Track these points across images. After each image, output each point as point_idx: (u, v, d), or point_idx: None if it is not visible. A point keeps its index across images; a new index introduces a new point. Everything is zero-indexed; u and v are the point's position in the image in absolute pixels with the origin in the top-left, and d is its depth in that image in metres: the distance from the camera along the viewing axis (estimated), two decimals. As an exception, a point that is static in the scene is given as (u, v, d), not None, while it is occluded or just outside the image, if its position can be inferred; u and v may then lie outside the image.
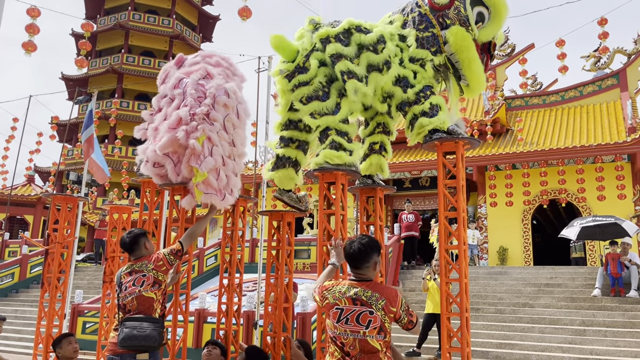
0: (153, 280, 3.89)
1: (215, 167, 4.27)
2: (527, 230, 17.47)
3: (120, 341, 3.69)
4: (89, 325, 11.15)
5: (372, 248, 3.08)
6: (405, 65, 4.11)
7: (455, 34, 3.99)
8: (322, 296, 3.08)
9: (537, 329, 9.63)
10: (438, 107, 4.00)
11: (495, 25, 4.18)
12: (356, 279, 3.06)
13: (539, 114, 20.24)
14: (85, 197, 6.82)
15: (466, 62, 4.01)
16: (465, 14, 4.09)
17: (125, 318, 3.79)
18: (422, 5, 4.21)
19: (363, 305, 2.94)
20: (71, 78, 34.71)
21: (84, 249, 25.85)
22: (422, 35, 4.10)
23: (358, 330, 2.91)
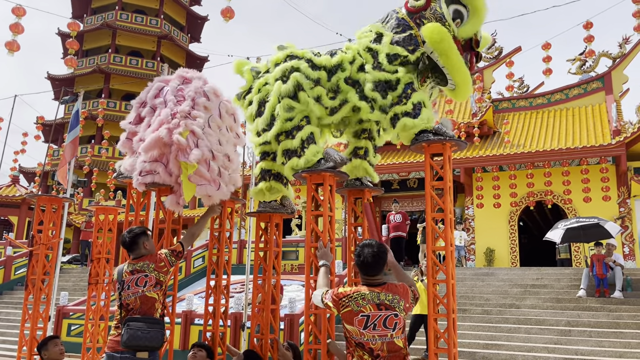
0: (155, 281, 3.93)
1: (204, 158, 4.25)
2: (514, 231, 17.61)
3: (125, 342, 3.73)
4: (74, 328, 11.04)
5: (384, 254, 3.16)
6: (384, 67, 4.09)
7: (430, 29, 4.00)
8: (341, 304, 3.07)
9: (523, 330, 9.71)
10: (421, 104, 4.01)
11: (474, 22, 4.18)
12: (372, 283, 3.11)
13: (526, 116, 20.41)
14: (70, 198, 6.74)
15: (444, 53, 3.96)
16: (440, 12, 4.12)
17: (129, 318, 3.83)
18: (400, 11, 4.28)
19: (387, 309, 3.02)
20: (57, 78, 34.36)
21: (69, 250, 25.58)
22: (399, 36, 4.12)
23: (386, 334, 3.00)
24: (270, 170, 4.61)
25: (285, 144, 4.20)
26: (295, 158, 4.15)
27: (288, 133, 4.20)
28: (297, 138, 4.15)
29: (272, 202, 4.79)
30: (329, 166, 4.08)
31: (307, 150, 4.11)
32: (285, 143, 4.21)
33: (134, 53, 35.54)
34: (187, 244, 4.25)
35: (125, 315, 3.89)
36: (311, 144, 4.15)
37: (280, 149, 4.25)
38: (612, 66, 19.61)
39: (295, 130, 4.18)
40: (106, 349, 4.00)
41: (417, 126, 3.96)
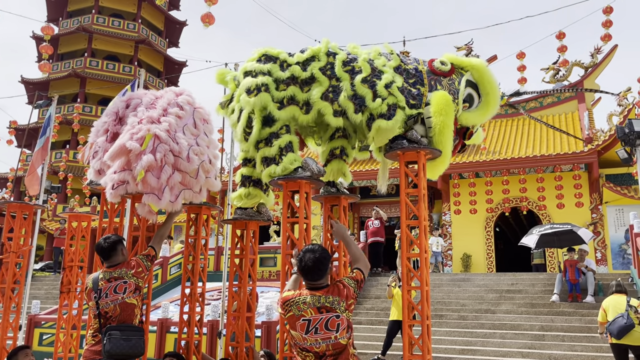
0: (134, 287, 3.94)
1: (157, 164, 4.15)
2: (490, 237, 17.83)
3: (108, 351, 3.69)
4: (46, 337, 10.79)
5: (325, 259, 3.16)
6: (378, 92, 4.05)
7: (440, 97, 4.03)
8: (284, 308, 3.08)
9: (498, 335, 9.82)
10: (396, 106, 4.04)
11: (480, 114, 4.27)
12: (314, 287, 3.11)
13: (502, 123, 20.73)
14: (42, 205, 6.61)
15: (441, 126, 3.96)
16: (457, 88, 4.18)
17: (109, 327, 3.79)
18: (421, 63, 4.29)
19: (329, 312, 3.01)
20: (31, 81, 33.74)
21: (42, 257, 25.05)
22: (408, 87, 4.12)
23: (329, 336, 2.99)
24: (250, 177, 4.60)
25: (264, 151, 4.21)
26: (273, 165, 4.15)
27: (267, 141, 4.21)
28: (275, 146, 4.16)
29: (248, 210, 4.77)
30: (306, 175, 4.09)
31: (284, 158, 4.12)
32: (263, 150, 4.21)
33: (110, 57, 35.12)
34: (158, 246, 4.29)
35: (104, 324, 3.84)
36: (289, 152, 4.16)
37: (259, 156, 4.25)
38: (584, 75, 20.06)
39: (274, 138, 4.18)
40: (83, 358, 3.94)
41: (391, 128, 3.99)
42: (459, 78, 4.25)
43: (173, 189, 4.26)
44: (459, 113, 4.20)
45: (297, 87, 4.25)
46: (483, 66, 4.34)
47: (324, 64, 4.27)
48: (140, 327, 3.96)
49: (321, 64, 4.27)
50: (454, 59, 4.35)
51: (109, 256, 4.04)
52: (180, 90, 4.80)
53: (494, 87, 4.31)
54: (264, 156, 4.22)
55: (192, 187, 4.46)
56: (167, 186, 4.20)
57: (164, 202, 4.22)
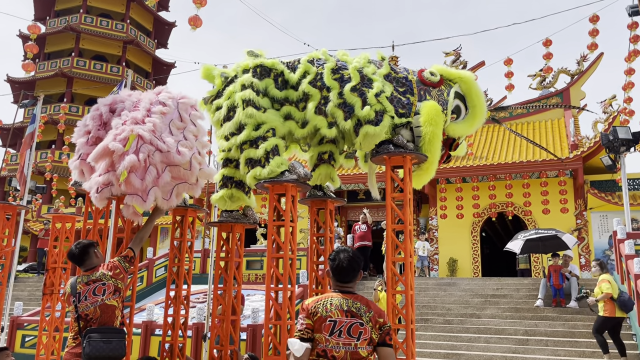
0: (114, 288, 3.91)
1: (141, 165, 4.12)
2: (476, 242, 17.94)
3: (87, 353, 3.66)
4: (28, 339, 10.65)
5: (359, 261, 3.13)
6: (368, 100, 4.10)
7: (430, 107, 4.08)
8: (311, 312, 2.98)
9: (482, 339, 9.88)
10: (383, 112, 4.08)
11: (466, 126, 4.33)
12: (343, 290, 3.07)
13: (489, 129, 20.89)
14: (26, 206, 6.54)
15: (430, 135, 4.02)
16: (446, 99, 4.25)
17: (89, 329, 3.76)
18: (411, 73, 4.35)
19: (354, 317, 2.97)
20: (17, 80, 33.36)
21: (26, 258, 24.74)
22: (398, 95, 4.16)
23: (350, 343, 2.94)
24: (232, 178, 4.59)
25: (249, 152, 4.20)
26: (258, 167, 4.14)
27: (252, 142, 4.20)
28: (261, 148, 4.16)
29: (234, 212, 4.76)
30: (292, 178, 4.09)
31: (271, 161, 4.12)
32: (248, 152, 4.20)
33: (98, 57, 34.83)
34: (137, 248, 4.26)
35: (84, 326, 3.82)
36: (275, 155, 4.16)
37: (243, 157, 4.24)
38: (570, 82, 20.31)
39: (260, 141, 4.18)
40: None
41: (377, 134, 4.02)
42: (448, 89, 4.31)
43: (164, 188, 4.23)
44: (447, 124, 4.25)
45: (292, 107, 4.30)
46: (471, 79, 4.40)
47: (313, 77, 4.30)
48: (121, 329, 3.94)
49: (310, 77, 4.30)
50: (443, 71, 4.41)
51: (83, 261, 4.02)
52: (159, 89, 4.78)
53: (482, 100, 4.38)
54: (248, 157, 4.21)
55: (187, 179, 4.41)
56: (155, 187, 4.16)
57: (149, 204, 4.19)
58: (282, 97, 4.30)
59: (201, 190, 4.70)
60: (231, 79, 4.54)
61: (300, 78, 4.34)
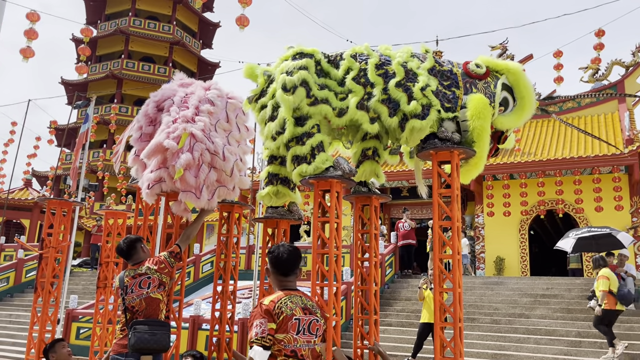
0: (158, 282, 4.02)
1: (195, 163, 4.19)
2: (524, 240, 17.45)
3: (133, 345, 3.77)
4: (83, 331, 11.11)
5: (299, 254, 3.15)
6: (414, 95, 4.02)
7: (478, 100, 3.97)
8: (275, 313, 2.85)
9: (532, 340, 9.61)
10: (429, 107, 4.00)
11: (515, 118, 4.20)
12: (287, 287, 3.05)
13: (537, 124, 20.27)
14: (81, 202, 6.80)
15: (478, 129, 3.91)
16: (493, 91, 4.12)
17: (135, 321, 3.88)
18: (456, 66, 4.24)
19: (311, 314, 2.96)
20: (70, 83, 34.74)
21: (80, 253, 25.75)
22: (443, 90, 4.07)
23: (310, 340, 2.94)
24: (277, 175, 4.60)
25: (295, 150, 4.20)
26: (304, 164, 4.14)
27: (298, 139, 4.19)
28: (307, 145, 4.15)
29: (279, 208, 4.79)
30: (337, 174, 4.07)
31: (317, 157, 4.11)
32: (294, 149, 4.20)
33: (146, 59, 35.86)
34: (184, 244, 4.34)
35: (130, 318, 3.95)
36: (321, 151, 4.15)
37: (290, 155, 4.24)
38: (625, 74, 19.43)
39: (306, 137, 4.17)
40: (111, 352, 4.05)
41: (424, 128, 3.94)
42: (495, 81, 4.19)
43: (210, 187, 4.32)
44: (495, 117, 4.13)
45: (331, 94, 4.25)
46: (519, 70, 4.27)
47: (356, 73, 4.25)
48: (165, 322, 4.04)
49: (354, 73, 4.25)
50: (489, 62, 4.29)
51: (130, 255, 4.16)
52: (208, 84, 4.84)
53: (530, 91, 4.24)
54: (295, 155, 4.21)
55: (226, 184, 4.50)
56: (205, 185, 4.26)
57: (203, 201, 4.30)
58: (321, 82, 4.26)
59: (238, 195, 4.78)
60: (273, 77, 4.54)
61: (344, 74, 4.31)
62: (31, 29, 11.01)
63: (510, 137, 4.40)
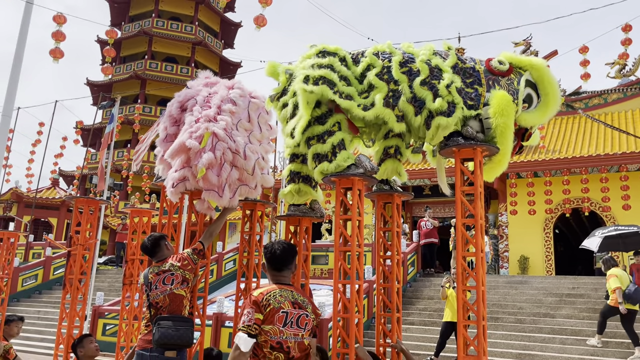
0: (182, 279, 4.08)
1: (217, 162, 4.24)
2: (549, 239, 17.19)
3: (157, 340, 3.84)
4: (109, 327, 11.31)
5: (293, 250, 3.23)
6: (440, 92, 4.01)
7: (501, 97, 3.93)
8: (262, 305, 2.95)
9: (558, 340, 9.47)
10: (455, 104, 3.97)
11: (539, 115, 4.16)
12: (281, 281, 3.14)
13: (562, 121, 19.95)
14: (107, 201, 6.94)
15: (501, 126, 3.88)
16: (516, 88, 4.08)
17: (159, 317, 3.95)
18: (478, 63, 4.21)
19: (301, 309, 3.04)
20: (96, 83, 35.38)
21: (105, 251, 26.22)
22: (466, 87, 4.05)
23: (298, 333, 3.01)
24: (299, 173, 4.63)
25: (316, 148, 4.21)
26: (325, 162, 4.15)
27: (319, 137, 4.21)
28: (327, 143, 4.16)
29: (301, 206, 4.81)
30: (359, 172, 4.08)
31: (338, 155, 4.11)
32: (315, 147, 4.21)
33: (169, 59, 36.31)
34: (207, 242, 4.40)
35: (155, 314, 4.02)
36: (342, 149, 4.15)
37: (311, 153, 4.26)
38: (653, 70, 18.99)
39: (327, 135, 4.18)
40: (136, 347, 4.13)
41: (449, 125, 3.92)
42: (518, 78, 4.14)
43: (231, 186, 4.37)
44: (518, 114, 4.09)
45: (354, 91, 4.24)
46: (543, 66, 4.21)
47: (379, 70, 4.23)
48: (188, 317, 4.10)
49: (377, 70, 4.24)
50: (512, 58, 4.24)
51: (154, 252, 4.24)
52: (231, 82, 4.88)
53: (554, 87, 4.18)
54: (315, 153, 4.22)
55: (248, 183, 4.55)
56: (227, 183, 4.31)
57: (225, 200, 4.34)
58: (346, 75, 4.26)
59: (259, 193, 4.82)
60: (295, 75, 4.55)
61: (364, 70, 4.30)
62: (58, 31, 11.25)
63: (535, 134, 4.35)
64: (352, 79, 4.28)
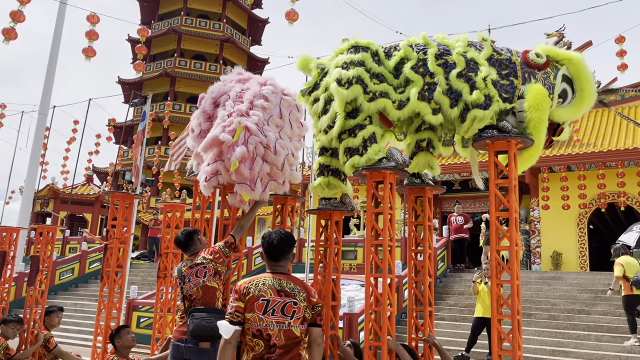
0: (214, 271, 4.17)
1: (250, 156, 4.29)
2: (583, 234, 16.81)
3: (191, 331, 3.93)
4: (143, 320, 11.57)
5: (291, 240, 3.25)
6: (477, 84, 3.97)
7: (537, 91, 3.87)
8: (243, 293, 3.06)
9: (593, 337, 9.27)
10: (491, 97, 3.92)
11: (573, 111, 4.09)
12: (275, 271, 3.17)
13: (597, 113, 19.43)
14: (140, 195, 7.09)
15: (535, 121, 3.83)
16: (553, 82, 4.02)
17: (193, 309, 4.04)
18: (515, 54, 4.14)
19: (287, 297, 3.05)
20: (127, 82, 36.07)
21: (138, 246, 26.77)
22: (501, 80, 4.00)
23: (283, 321, 3.02)
24: (328, 166, 4.64)
25: (347, 142, 4.21)
26: (357, 156, 4.15)
27: (350, 131, 4.21)
28: (359, 137, 4.16)
29: (332, 200, 4.82)
30: (391, 165, 4.06)
31: (369, 149, 4.11)
32: (346, 141, 4.22)
33: (197, 57, 36.76)
34: (238, 235, 4.48)
35: (189, 306, 4.12)
36: (373, 143, 4.15)
37: (342, 147, 4.26)
38: (693, 59, 18.33)
39: (358, 129, 4.18)
40: (172, 338, 4.23)
41: (485, 118, 3.87)
42: (555, 72, 4.06)
43: (263, 180, 4.42)
44: (552, 108, 4.01)
45: (390, 87, 4.23)
46: (581, 61, 4.11)
47: (414, 63, 4.21)
48: (222, 309, 4.16)
49: (412, 63, 4.21)
50: (550, 52, 4.16)
51: (188, 246, 4.35)
52: (264, 79, 4.92)
53: (591, 84, 4.10)
54: (347, 147, 4.23)
55: (277, 178, 4.59)
56: (259, 177, 4.36)
57: (257, 193, 4.40)
58: (379, 72, 4.25)
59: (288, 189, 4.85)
60: (327, 70, 4.56)
61: (398, 63, 4.28)
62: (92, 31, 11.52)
63: (566, 129, 4.27)
64: (385, 74, 4.27)
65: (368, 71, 4.20)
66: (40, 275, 6.35)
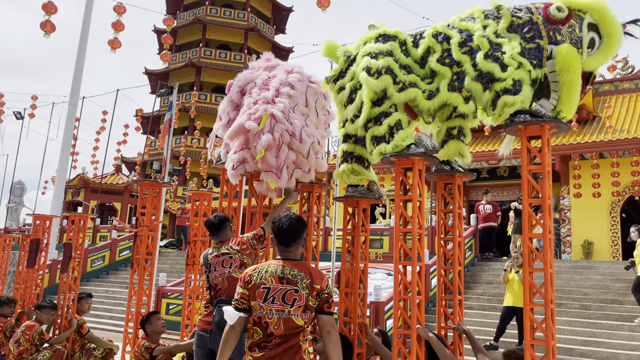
0: (240, 262, 4.14)
1: (276, 144, 4.27)
2: (616, 223, 16.40)
3: (217, 322, 3.91)
4: (172, 307, 11.76)
5: (301, 224, 3.16)
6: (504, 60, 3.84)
7: (567, 53, 3.75)
8: (246, 280, 3.05)
9: (626, 327, 9.07)
10: (521, 82, 3.80)
11: (603, 56, 3.97)
12: (283, 257, 3.10)
13: (631, 99, 18.84)
14: (169, 184, 7.17)
15: (568, 84, 3.73)
16: (579, 35, 3.87)
17: (219, 300, 4.02)
18: (535, 12, 3.99)
19: (289, 284, 2.98)
20: (153, 72, 36.44)
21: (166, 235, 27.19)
22: (527, 45, 3.87)
23: (283, 309, 2.96)
24: (352, 153, 4.59)
25: (373, 130, 4.16)
26: (383, 144, 4.09)
27: (376, 119, 4.16)
28: (384, 124, 4.10)
29: (359, 187, 4.78)
30: (420, 151, 3.99)
31: (395, 136, 4.04)
32: (373, 130, 4.16)
33: (222, 46, 36.89)
34: (268, 227, 4.40)
35: (214, 296, 4.11)
36: (399, 129, 4.08)
37: (369, 135, 4.21)
38: None
39: (383, 117, 4.12)
40: (197, 328, 4.22)
41: (515, 103, 3.77)
42: (579, 23, 3.90)
43: (288, 168, 4.40)
44: (583, 61, 3.88)
45: (417, 77, 4.15)
46: (603, 5, 3.95)
47: (440, 54, 4.11)
48: None
49: (437, 55, 4.12)
50: (570, 2, 3.98)
51: (218, 230, 4.29)
52: (291, 67, 4.89)
53: (616, 25, 3.94)
54: (373, 135, 4.17)
55: (302, 166, 4.57)
56: (285, 165, 4.35)
57: (283, 181, 4.38)
58: (407, 63, 4.17)
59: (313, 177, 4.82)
60: (354, 57, 4.49)
61: (424, 53, 4.19)
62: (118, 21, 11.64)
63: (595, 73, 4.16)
64: (412, 64, 4.19)
65: (396, 61, 4.12)
66: (72, 262, 6.48)
